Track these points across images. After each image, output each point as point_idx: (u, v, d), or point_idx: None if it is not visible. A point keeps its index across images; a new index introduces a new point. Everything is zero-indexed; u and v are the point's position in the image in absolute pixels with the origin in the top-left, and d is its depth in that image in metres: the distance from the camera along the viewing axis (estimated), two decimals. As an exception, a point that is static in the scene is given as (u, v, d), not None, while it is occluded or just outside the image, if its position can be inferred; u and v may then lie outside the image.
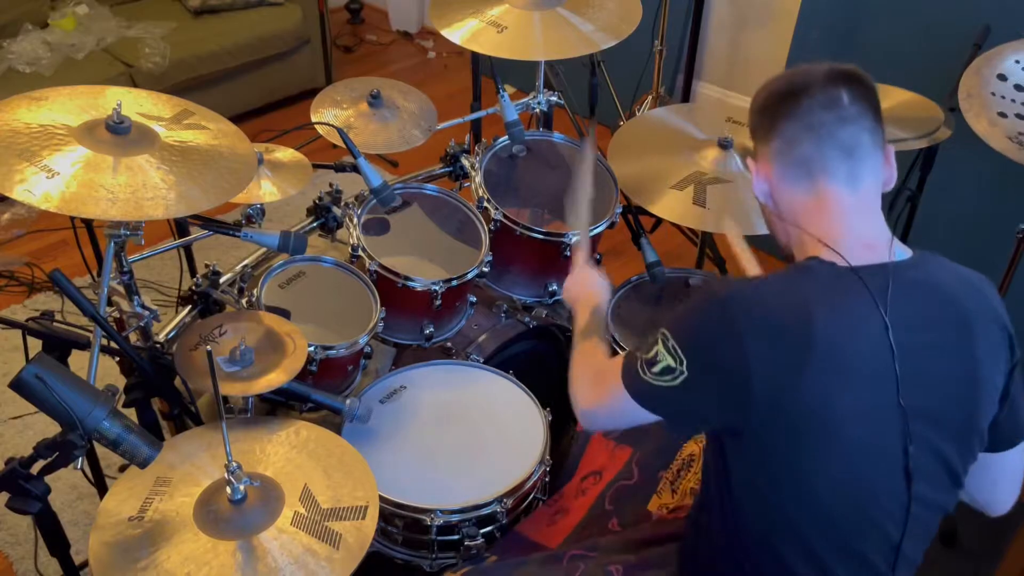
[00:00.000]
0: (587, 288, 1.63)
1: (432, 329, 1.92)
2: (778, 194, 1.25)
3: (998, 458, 1.26)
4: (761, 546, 1.22)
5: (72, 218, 1.69)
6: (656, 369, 1.18)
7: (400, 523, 1.64)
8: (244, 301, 1.75)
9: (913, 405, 1.14)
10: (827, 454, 1.14)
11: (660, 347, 1.18)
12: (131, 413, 1.54)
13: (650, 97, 3.37)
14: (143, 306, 1.61)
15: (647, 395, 1.21)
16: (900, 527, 1.19)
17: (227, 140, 1.54)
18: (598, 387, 1.33)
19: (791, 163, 1.22)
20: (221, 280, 1.79)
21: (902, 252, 1.20)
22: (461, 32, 2.03)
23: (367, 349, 1.82)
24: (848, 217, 1.20)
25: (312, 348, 1.66)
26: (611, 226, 2.04)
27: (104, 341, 1.47)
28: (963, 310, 1.17)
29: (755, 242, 1.69)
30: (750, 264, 1.65)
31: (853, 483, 1.16)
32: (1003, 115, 1.88)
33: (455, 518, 1.61)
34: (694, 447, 1.62)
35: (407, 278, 1.83)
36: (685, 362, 1.15)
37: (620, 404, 1.24)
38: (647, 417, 1.23)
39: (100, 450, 1.37)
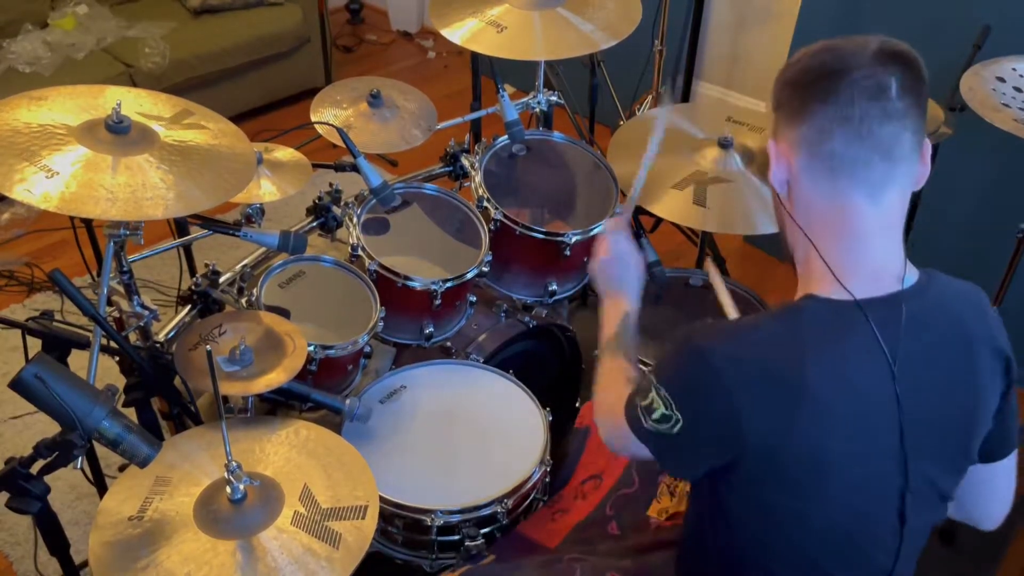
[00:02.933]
0: (618, 277, 1.47)
1: (432, 329, 1.92)
2: (797, 188, 1.12)
3: (988, 469, 1.24)
4: (756, 570, 1.22)
5: (72, 218, 1.69)
6: (655, 416, 1.14)
7: (400, 523, 1.64)
8: (244, 301, 1.75)
9: (914, 445, 1.11)
10: (819, 497, 1.11)
11: (654, 395, 1.14)
12: (131, 413, 1.53)
13: (650, 97, 3.37)
14: (143, 306, 1.60)
15: (650, 440, 1.17)
16: (892, 555, 1.18)
17: (227, 140, 1.54)
18: (614, 419, 1.25)
19: (817, 156, 1.07)
20: (221, 280, 1.79)
21: (910, 276, 1.11)
22: (461, 32, 2.03)
23: (367, 349, 1.82)
24: (864, 240, 1.08)
25: (312, 348, 1.66)
26: (611, 226, 2.04)
27: (104, 341, 1.46)
28: (968, 337, 1.12)
29: (758, 241, 1.69)
30: (729, 307, 1.64)
31: (845, 523, 1.14)
32: (1007, 106, 1.90)
33: (455, 518, 1.61)
34: None
35: (407, 278, 1.83)
36: (678, 412, 1.11)
37: (629, 441, 1.20)
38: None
39: (100, 450, 1.37)
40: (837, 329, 1.07)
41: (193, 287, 1.76)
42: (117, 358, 1.65)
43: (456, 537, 1.63)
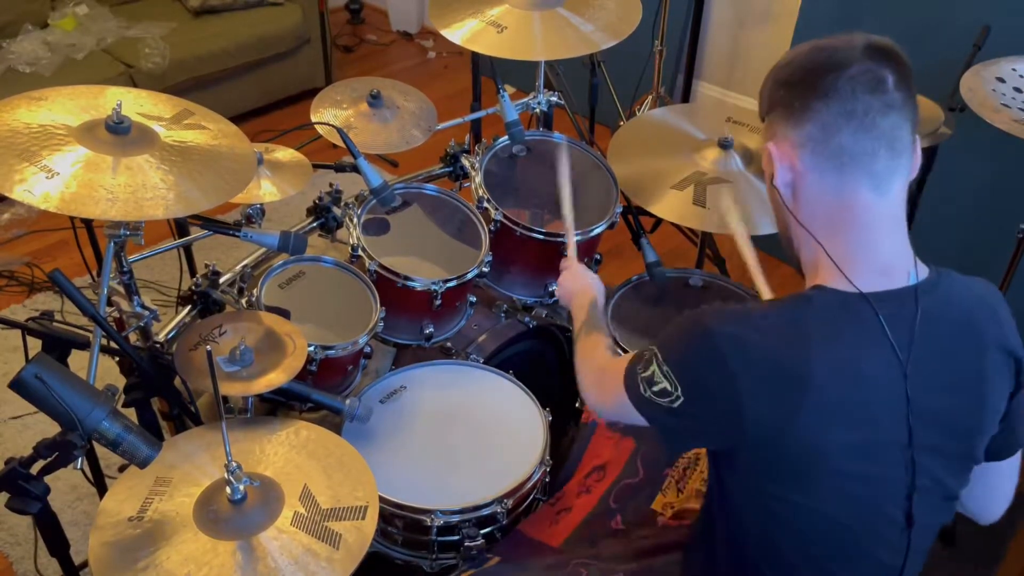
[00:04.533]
0: (579, 283, 1.65)
1: (432, 329, 1.92)
2: (802, 189, 1.12)
3: (991, 468, 1.23)
4: (759, 568, 1.22)
5: (72, 218, 1.69)
6: (655, 389, 1.15)
7: (400, 523, 1.64)
8: (244, 301, 1.75)
9: (921, 443, 1.10)
10: (819, 489, 1.11)
11: (655, 368, 1.15)
12: (131, 413, 1.54)
13: (650, 97, 3.37)
14: (143, 306, 1.60)
15: (647, 408, 1.17)
16: (901, 556, 1.17)
17: (227, 140, 1.54)
18: (603, 387, 1.31)
19: (824, 153, 1.08)
20: (221, 280, 1.79)
21: (921, 272, 1.11)
22: (461, 32, 2.03)
23: (367, 349, 1.82)
24: (872, 232, 1.09)
25: (312, 348, 1.66)
26: (611, 226, 2.04)
27: (104, 341, 1.46)
28: (978, 337, 1.11)
29: (758, 243, 1.69)
30: (755, 270, 1.64)
31: (848, 519, 1.13)
32: (1007, 106, 1.91)
33: (455, 519, 1.61)
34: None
35: (407, 278, 1.83)
36: (679, 388, 1.12)
37: (624, 408, 1.21)
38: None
39: (100, 450, 1.37)
40: (846, 320, 1.07)
41: (193, 287, 1.76)
42: (117, 358, 1.65)
43: (456, 537, 1.63)
